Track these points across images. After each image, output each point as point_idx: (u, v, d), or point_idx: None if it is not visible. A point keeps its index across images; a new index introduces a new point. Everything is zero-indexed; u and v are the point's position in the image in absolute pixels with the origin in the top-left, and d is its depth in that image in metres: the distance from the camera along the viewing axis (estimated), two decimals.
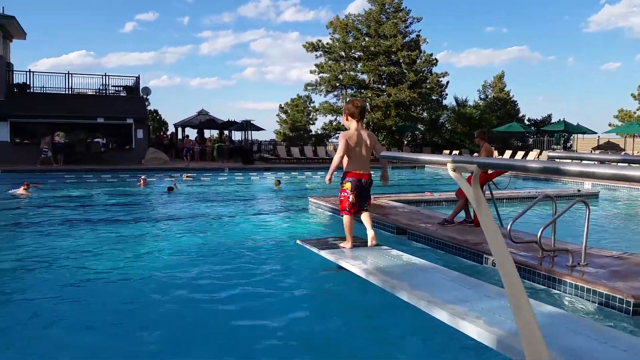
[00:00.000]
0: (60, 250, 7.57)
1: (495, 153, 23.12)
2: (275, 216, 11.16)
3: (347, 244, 5.80)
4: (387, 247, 5.94)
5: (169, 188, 14.90)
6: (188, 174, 20.67)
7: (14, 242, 8.21)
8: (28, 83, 27.63)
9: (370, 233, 5.81)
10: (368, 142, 5.55)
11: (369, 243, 5.75)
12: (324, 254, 5.56)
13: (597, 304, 4.95)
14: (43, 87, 28.12)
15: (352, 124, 5.52)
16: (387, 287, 3.95)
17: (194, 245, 8.02)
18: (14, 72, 28.00)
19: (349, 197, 5.57)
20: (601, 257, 6.27)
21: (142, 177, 16.86)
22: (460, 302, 3.38)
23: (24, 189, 13.92)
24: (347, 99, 35.79)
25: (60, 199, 13.43)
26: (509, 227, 5.81)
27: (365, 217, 5.92)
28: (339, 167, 5.73)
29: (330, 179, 5.62)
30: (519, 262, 6.13)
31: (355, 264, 4.78)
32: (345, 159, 5.58)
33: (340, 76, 35.59)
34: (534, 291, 5.40)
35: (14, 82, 27.47)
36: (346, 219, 5.73)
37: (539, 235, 5.62)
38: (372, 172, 6.14)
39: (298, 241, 6.31)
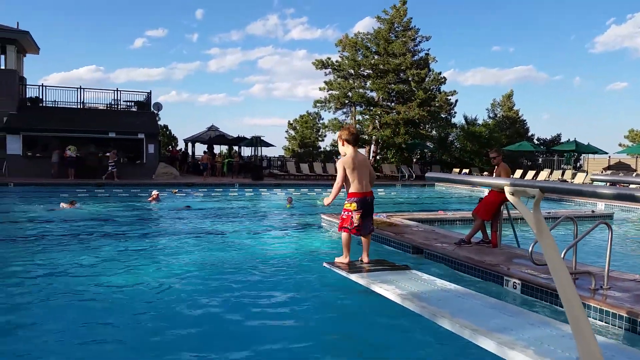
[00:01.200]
0: (84, 264, 7.53)
1: None
2: (287, 233, 11.07)
3: (344, 259, 5.99)
4: (416, 270, 5.83)
5: (186, 207, 14.90)
6: (176, 189, 20.77)
7: (33, 255, 8.18)
8: (40, 97, 27.89)
9: (364, 259, 6.05)
10: (367, 162, 5.89)
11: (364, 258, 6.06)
12: (354, 277, 5.45)
13: (622, 329, 4.84)
14: (55, 101, 28.36)
15: (348, 150, 5.82)
16: (426, 314, 3.83)
17: (207, 261, 7.94)
18: (27, 86, 28.29)
19: (352, 217, 5.74)
20: (624, 280, 6.15)
21: (154, 192, 16.84)
22: (505, 331, 3.27)
23: (71, 204, 14.21)
24: (355, 117, 35.86)
25: (94, 214, 13.44)
26: (530, 249, 5.71)
27: (365, 243, 6.12)
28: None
29: (329, 204, 5.83)
30: (540, 285, 6.02)
31: (389, 289, 4.66)
32: (348, 183, 5.81)
33: (350, 93, 35.68)
34: (556, 314, 5.29)
35: (27, 96, 27.73)
36: (345, 236, 5.93)
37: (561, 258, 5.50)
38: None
39: (325, 264, 6.20)
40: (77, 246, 8.95)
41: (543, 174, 28.70)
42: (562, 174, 28.60)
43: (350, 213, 5.75)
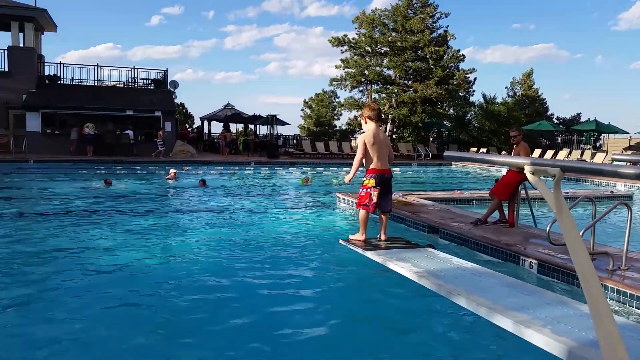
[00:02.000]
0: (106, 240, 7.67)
1: None
2: (303, 212, 11.12)
3: (360, 237, 5.96)
4: (433, 249, 5.82)
5: (201, 181, 14.90)
6: (186, 167, 20.76)
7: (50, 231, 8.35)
8: (58, 75, 28.11)
9: (382, 237, 6.06)
10: (387, 139, 5.90)
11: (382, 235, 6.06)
12: (370, 255, 5.47)
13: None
14: (73, 79, 28.58)
15: (370, 126, 5.79)
16: (443, 292, 3.83)
17: (225, 239, 8.04)
18: (45, 63, 28.50)
19: (371, 194, 5.71)
20: None
21: (172, 170, 16.90)
22: (521, 309, 3.25)
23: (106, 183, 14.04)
24: (372, 95, 35.57)
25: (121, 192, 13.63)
26: (547, 229, 5.67)
27: (384, 221, 6.13)
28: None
29: (350, 180, 5.93)
30: (557, 265, 5.99)
31: (405, 267, 4.66)
32: (367, 160, 5.83)
33: (366, 71, 35.33)
34: (573, 294, 5.27)
35: (45, 74, 27.96)
36: (363, 213, 5.88)
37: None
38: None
39: (341, 241, 6.23)
40: (102, 222, 9.13)
41: (562, 154, 28.30)
42: (582, 154, 28.17)
43: (369, 190, 5.73)
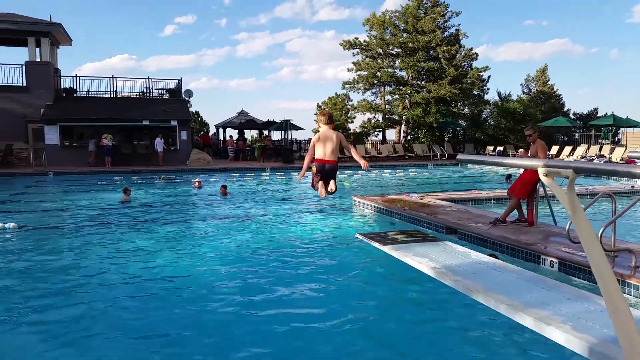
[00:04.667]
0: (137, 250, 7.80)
1: None
2: (319, 214, 11.18)
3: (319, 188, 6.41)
4: (451, 242, 5.81)
5: (222, 188, 14.97)
6: (164, 176, 20.90)
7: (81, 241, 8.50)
8: (75, 87, 28.56)
9: (331, 185, 6.45)
10: (334, 137, 6.44)
11: (329, 189, 6.38)
12: (387, 249, 5.48)
13: None
14: (89, 91, 29.01)
15: (321, 129, 6.57)
16: (460, 288, 3.82)
17: (246, 242, 8.17)
18: (61, 77, 28.99)
19: (314, 180, 6.41)
20: None
21: (197, 179, 17.48)
22: (541, 306, 3.24)
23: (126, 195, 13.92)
24: (385, 97, 35.50)
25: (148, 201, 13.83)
26: (567, 227, 5.61)
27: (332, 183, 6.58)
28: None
29: (300, 178, 6.43)
30: (578, 263, 5.92)
31: (422, 262, 4.66)
32: (316, 153, 6.46)
33: (379, 73, 35.29)
34: (596, 292, 5.22)
35: (62, 87, 28.44)
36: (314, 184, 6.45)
37: (599, 235, 5.39)
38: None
39: (357, 235, 6.29)
40: (126, 231, 9.31)
41: (580, 150, 27.93)
42: (600, 149, 27.77)
43: (312, 174, 6.41)
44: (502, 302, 3.34)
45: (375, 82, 35.92)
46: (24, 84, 26.23)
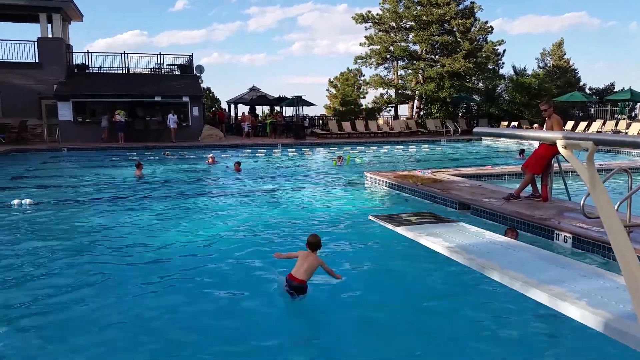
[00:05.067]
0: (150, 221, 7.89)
1: None
2: (332, 191, 11.18)
3: None
4: (465, 223, 5.78)
5: (236, 164, 14.98)
6: (168, 152, 20.81)
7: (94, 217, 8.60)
8: (87, 64, 28.57)
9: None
10: (314, 263, 5.00)
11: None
12: (400, 230, 5.47)
13: None
14: (101, 67, 29.00)
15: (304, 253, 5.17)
16: (475, 267, 3.82)
17: (259, 219, 8.22)
18: (73, 53, 28.99)
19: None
20: None
21: (211, 155, 17.47)
22: (556, 283, 3.22)
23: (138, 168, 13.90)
24: (398, 72, 35.10)
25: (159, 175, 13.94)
26: (582, 202, 5.55)
27: None
28: None
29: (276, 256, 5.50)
30: (592, 238, 5.88)
31: (436, 242, 4.65)
32: None
33: (391, 47, 34.79)
34: (610, 267, 5.18)
35: (74, 63, 28.46)
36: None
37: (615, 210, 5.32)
38: None
39: (370, 217, 6.27)
40: (141, 206, 9.42)
41: (595, 125, 27.48)
42: (616, 125, 27.29)
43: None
44: (517, 280, 3.32)
45: (388, 56, 35.45)
46: (37, 60, 26.28)
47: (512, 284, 3.35)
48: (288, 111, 35.25)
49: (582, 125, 28.00)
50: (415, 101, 36.48)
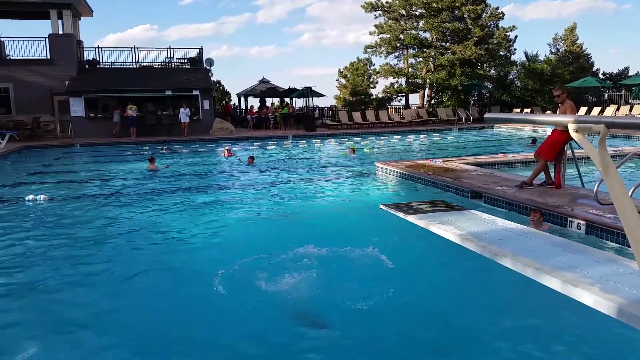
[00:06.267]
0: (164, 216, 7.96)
1: None
2: (343, 181, 11.18)
3: None
4: (477, 211, 5.75)
5: (250, 158, 15.00)
6: (166, 147, 20.53)
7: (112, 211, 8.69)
8: (97, 59, 28.71)
9: None
10: None
11: None
12: (412, 219, 5.46)
13: None
14: (112, 62, 29.14)
15: None
16: (487, 254, 3.80)
17: (272, 211, 8.27)
18: (84, 49, 29.14)
19: None
20: None
21: (227, 147, 17.45)
22: (569, 269, 3.19)
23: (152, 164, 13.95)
24: (408, 60, 34.82)
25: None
26: (595, 188, 5.49)
27: None
28: None
29: None
30: (606, 225, 5.82)
31: (448, 230, 4.63)
32: None
33: (401, 36, 34.48)
34: (624, 254, 5.13)
35: (85, 59, 28.62)
36: None
37: (630, 195, 5.24)
38: None
39: (381, 206, 6.26)
40: (155, 200, 9.54)
41: (609, 111, 27.11)
42: (630, 110, 26.89)
43: None
44: (529, 266, 3.30)
45: (398, 45, 35.17)
46: (49, 57, 26.47)
47: (524, 271, 3.33)
48: (298, 102, 35.22)
49: (596, 110, 27.64)
50: (426, 90, 36.18)
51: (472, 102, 35.73)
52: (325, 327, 4.11)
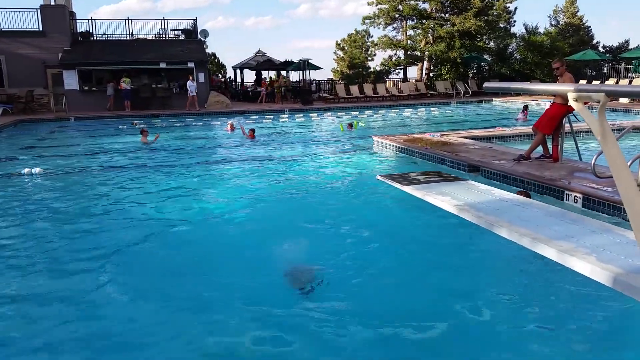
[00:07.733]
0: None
1: None
2: (341, 155, 11.14)
3: None
4: (474, 181, 5.73)
5: (250, 132, 14.77)
6: (136, 122, 19.69)
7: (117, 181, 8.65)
8: (91, 31, 28.24)
9: None
10: None
11: None
12: (409, 189, 5.44)
13: None
14: (105, 34, 28.68)
15: None
16: (483, 224, 3.78)
17: (270, 185, 8.27)
18: (77, 20, 28.63)
19: None
20: None
21: (230, 122, 17.00)
22: (565, 238, 3.18)
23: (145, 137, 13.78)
24: (407, 32, 34.37)
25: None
26: (593, 161, 5.45)
27: None
28: None
29: None
30: (603, 198, 5.81)
31: (445, 200, 4.61)
32: None
33: (400, 6, 33.96)
34: (620, 228, 5.13)
35: (78, 31, 28.14)
36: None
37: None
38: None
39: (378, 177, 6.25)
40: (152, 174, 9.50)
41: (608, 84, 26.93)
42: (630, 83, 26.72)
43: None
44: (526, 236, 3.29)
45: (397, 15, 34.66)
46: (41, 29, 26.00)
47: (520, 240, 3.32)
48: (294, 76, 34.85)
49: (595, 84, 27.46)
50: (425, 62, 35.82)
51: (471, 75, 35.44)
52: (314, 291, 4.13)
